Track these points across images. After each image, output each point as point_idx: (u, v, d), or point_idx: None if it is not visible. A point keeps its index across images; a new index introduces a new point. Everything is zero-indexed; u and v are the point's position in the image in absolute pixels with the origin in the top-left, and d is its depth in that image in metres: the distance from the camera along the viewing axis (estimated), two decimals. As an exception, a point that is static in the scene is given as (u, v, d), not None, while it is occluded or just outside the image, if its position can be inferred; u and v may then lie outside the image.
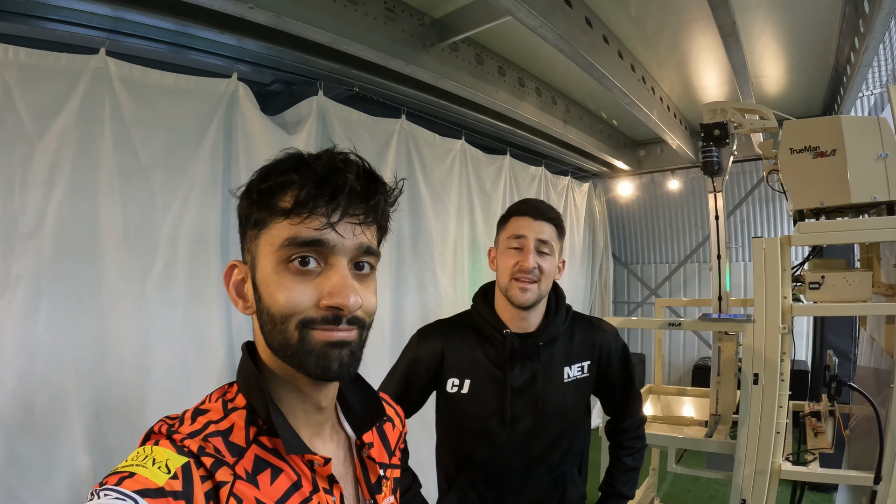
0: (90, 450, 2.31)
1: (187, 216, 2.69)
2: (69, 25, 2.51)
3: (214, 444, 0.73)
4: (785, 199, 2.63)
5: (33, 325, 2.22)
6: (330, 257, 0.76)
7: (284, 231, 0.75)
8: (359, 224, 0.78)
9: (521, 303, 1.64)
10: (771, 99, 4.81)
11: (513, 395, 1.68)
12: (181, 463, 0.69)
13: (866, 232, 2.27)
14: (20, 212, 2.21)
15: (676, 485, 4.73)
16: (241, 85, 2.92)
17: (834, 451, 2.51)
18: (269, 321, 0.76)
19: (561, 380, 1.71)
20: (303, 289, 0.75)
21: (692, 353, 6.81)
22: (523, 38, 3.45)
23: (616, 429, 1.91)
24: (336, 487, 0.83)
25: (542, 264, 1.64)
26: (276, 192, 0.76)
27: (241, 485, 0.72)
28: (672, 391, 3.95)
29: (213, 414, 0.78)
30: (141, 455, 0.69)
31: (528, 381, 1.69)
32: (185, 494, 0.66)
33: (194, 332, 2.70)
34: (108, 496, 0.62)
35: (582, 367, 1.75)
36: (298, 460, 0.79)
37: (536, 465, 1.71)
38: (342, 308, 0.75)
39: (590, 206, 6.82)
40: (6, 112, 2.18)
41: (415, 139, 3.96)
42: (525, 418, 1.69)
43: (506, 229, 1.72)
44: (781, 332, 2.33)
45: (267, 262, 0.76)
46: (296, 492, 0.77)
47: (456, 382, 1.72)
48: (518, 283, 1.63)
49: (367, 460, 0.92)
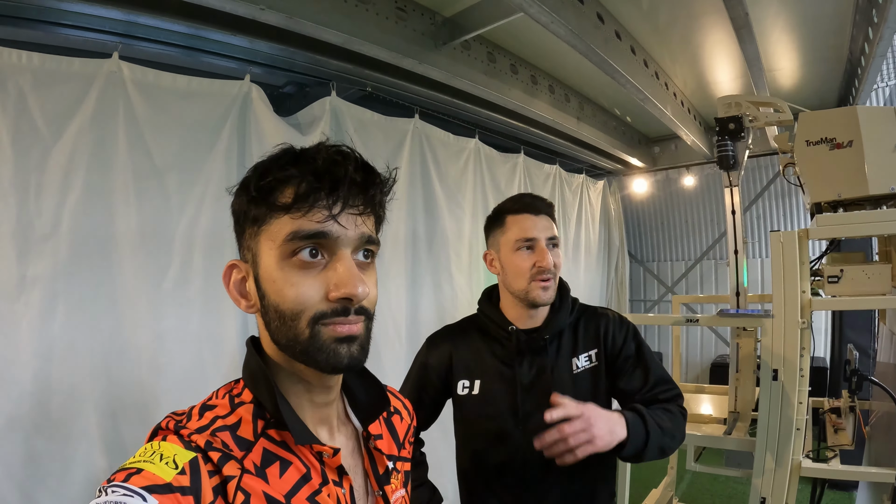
0: (106, 450, 2.32)
1: (202, 217, 2.71)
2: (82, 31, 2.53)
3: (222, 439, 0.73)
4: (802, 193, 2.60)
5: (49, 327, 2.24)
6: (334, 249, 0.76)
7: (287, 226, 0.75)
8: (359, 214, 0.78)
9: (546, 301, 1.63)
10: (785, 92, 4.75)
11: (523, 392, 1.65)
12: (189, 458, 0.69)
13: (884, 224, 2.22)
14: (36, 215, 2.23)
15: (695, 483, 4.70)
16: (253, 86, 2.92)
17: (854, 447, 2.47)
18: (276, 318, 0.77)
19: (570, 372, 1.68)
20: (310, 283, 0.75)
21: (710, 350, 6.74)
22: (535, 34, 3.43)
23: (650, 399, 1.66)
24: (345, 479, 0.83)
25: (556, 261, 1.64)
26: (275, 187, 0.76)
27: (248, 478, 0.72)
28: (690, 389, 3.91)
29: (221, 409, 0.79)
30: (149, 451, 0.70)
31: (537, 376, 1.66)
32: (192, 490, 0.67)
33: (210, 333, 2.71)
34: (116, 492, 0.63)
35: (590, 357, 1.70)
36: (307, 452, 0.79)
37: (555, 462, 1.65)
38: (351, 298, 0.75)
39: (605, 203, 6.78)
40: (21, 117, 2.20)
41: (428, 138, 3.96)
42: (538, 414, 1.60)
43: (506, 230, 1.68)
44: (800, 327, 2.29)
45: (270, 258, 0.77)
46: (305, 484, 0.77)
47: (466, 384, 1.71)
48: (540, 284, 1.61)
49: (375, 452, 0.92)
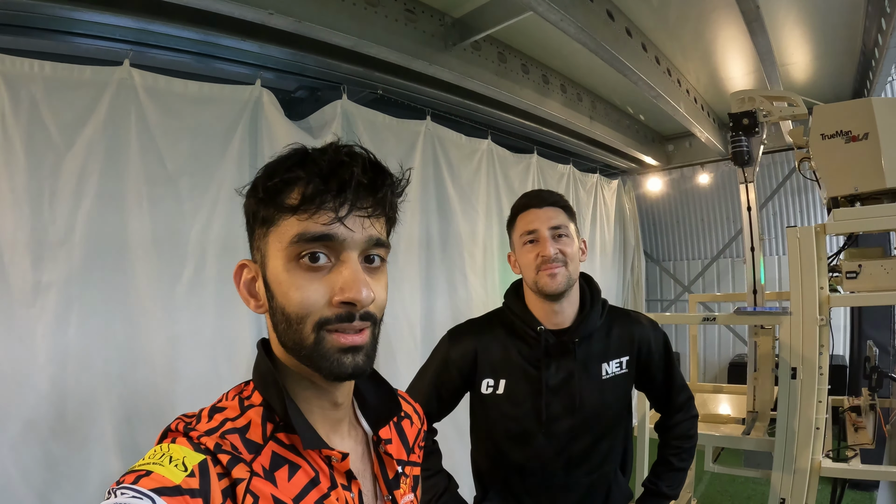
0: (121, 455, 2.34)
1: (215, 222, 2.72)
2: (93, 39, 2.56)
3: (231, 441, 0.73)
4: (818, 189, 2.57)
5: (64, 332, 2.26)
6: (340, 252, 0.76)
7: (293, 227, 0.74)
8: (367, 217, 0.77)
9: (554, 289, 1.58)
10: (799, 86, 4.69)
11: (549, 395, 1.63)
12: (198, 460, 0.69)
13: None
14: (50, 221, 2.26)
15: (713, 485, 4.65)
16: (264, 91, 2.94)
17: (875, 446, 2.43)
18: (283, 320, 0.76)
19: (599, 377, 1.66)
20: (315, 286, 0.74)
21: (727, 350, 6.67)
22: (545, 33, 3.42)
23: (664, 425, 1.84)
24: (354, 483, 0.82)
25: (563, 248, 1.59)
26: (282, 188, 0.76)
27: (257, 481, 0.71)
28: (708, 388, 3.88)
29: (230, 411, 0.78)
30: (158, 453, 0.70)
31: (564, 380, 1.63)
32: (202, 492, 0.66)
33: (224, 337, 2.72)
34: (125, 494, 0.62)
35: (620, 363, 1.69)
36: (316, 456, 0.79)
37: (577, 467, 1.66)
38: (355, 303, 0.74)
39: (619, 203, 6.73)
40: (34, 125, 2.23)
41: (441, 140, 3.96)
42: (563, 418, 1.63)
43: (515, 228, 1.69)
44: (819, 324, 2.26)
45: (277, 259, 0.76)
46: (314, 488, 0.76)
47: (491, 383, 1.67)
48: (546, 271, 1.58)
49: (385, 456, 0.91)
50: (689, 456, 1.81)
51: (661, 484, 1.75)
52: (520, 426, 1.66)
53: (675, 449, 1.79)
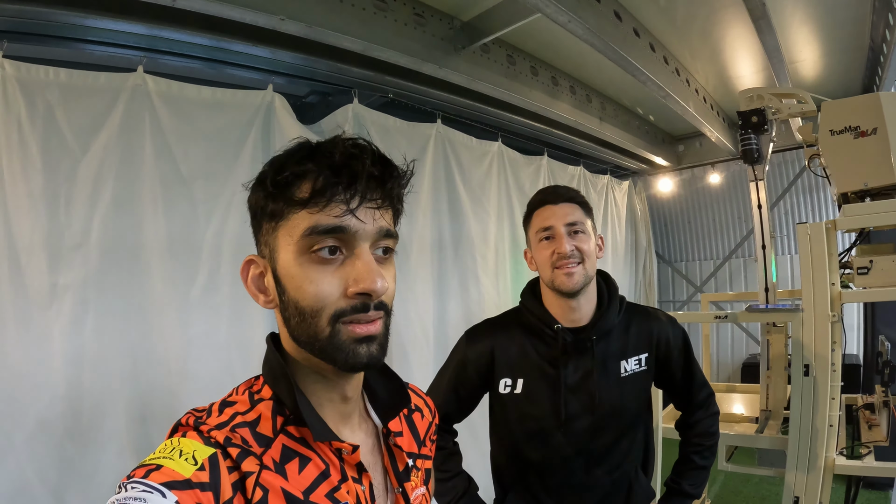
0: (136, 455, 2.35)
1: (229, 225, 2.74)
2: (107, 47, 2.59)
3: (241, 435, 0.73)
4: (829, 186, 2.56)
5: (80, 334, 2.29)
6: (352, 244, 0.75)
7: (304, 221, 0.74)
8: (377, 208, 0.77)
9: (571, 288, 1.56)
10: (808, 84, 4.66)
11: (567, 393, 1.61)
12: (208, 454, 0.69)
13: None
14: (66, 225, 2.29)
15: (727, 485, 4.62)
16: (276, 96, 2.97)
17: (889, 443, 2.42)
18: (296, 314, 0.76)
19: (618, 375, 1.64)
20: (329, 279, 0.74)
21: (740, 350, 6.61)
22: (554, 35, 3.43)
23: (685, 423, 1.82)
24: (365, 476, 0.82)
25: (580, 245, 1.57)
26: (292, 182, 0.75)
27: (267, 474, 0.72)
28: (721, 388, 3.86)
29: (240, 405, 0.79)
30: (168, 447, 0.70)
31: (582, 378, 1.61)
32: (212, 485, 0.66)
33: (238, 339, 2.74)
34: (136, 488, 0.63)
35: (639, 360, 1.67)
36: (326, 449, 0.79)
37: (596, 466, 1.64)
38: (370, 293, 0.74)
39: (630, 204, 6.71)
40: (50, 131, 2.27)
41: (451, 143, 3.97)
42: (582, 417, 1.61)
43: (531, 225, 1.67)
44: (831, 321, 2.25)
45: (287, 253, 0.76)
46: (324, 480, 0.76)
47: (508, 382, 1.66)
48: (562, 270, 1.56)
49: (395, 449, 0.91)
50: (711, 454, 1.79)
51: (683, 483, 1.74)
52: (538, 425, 1.64)
53: (697, 447, 1.78)
